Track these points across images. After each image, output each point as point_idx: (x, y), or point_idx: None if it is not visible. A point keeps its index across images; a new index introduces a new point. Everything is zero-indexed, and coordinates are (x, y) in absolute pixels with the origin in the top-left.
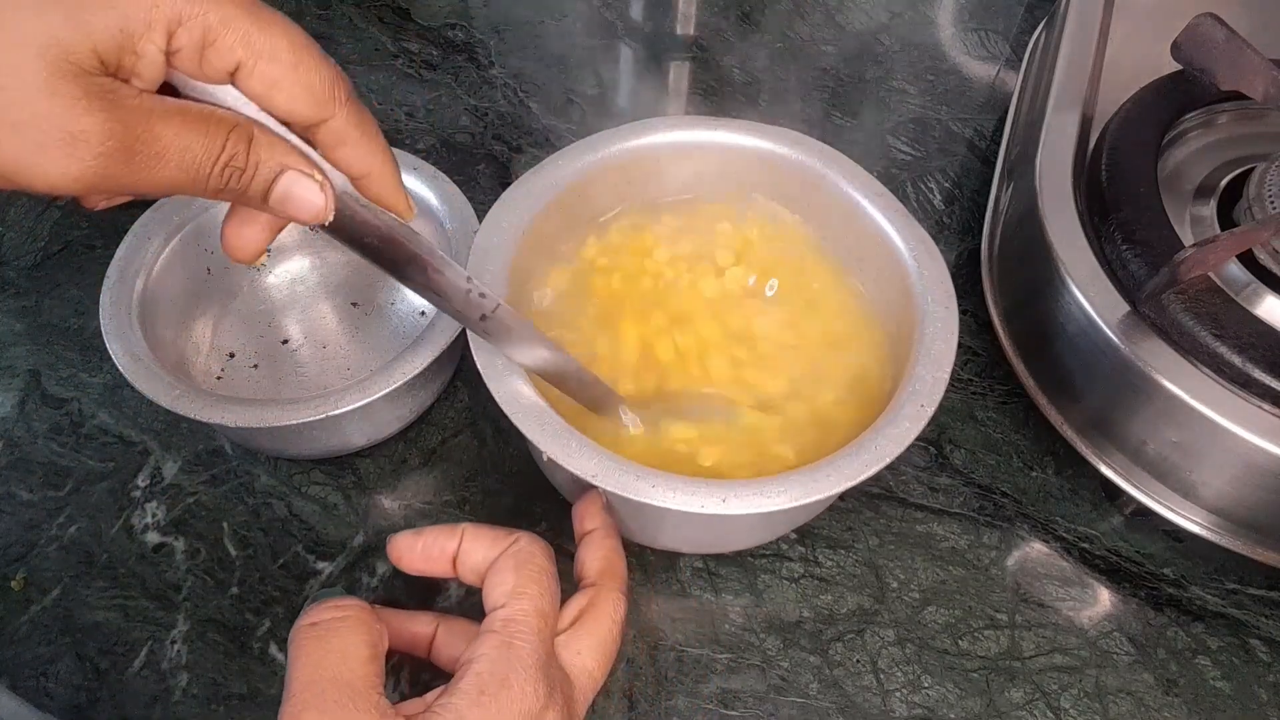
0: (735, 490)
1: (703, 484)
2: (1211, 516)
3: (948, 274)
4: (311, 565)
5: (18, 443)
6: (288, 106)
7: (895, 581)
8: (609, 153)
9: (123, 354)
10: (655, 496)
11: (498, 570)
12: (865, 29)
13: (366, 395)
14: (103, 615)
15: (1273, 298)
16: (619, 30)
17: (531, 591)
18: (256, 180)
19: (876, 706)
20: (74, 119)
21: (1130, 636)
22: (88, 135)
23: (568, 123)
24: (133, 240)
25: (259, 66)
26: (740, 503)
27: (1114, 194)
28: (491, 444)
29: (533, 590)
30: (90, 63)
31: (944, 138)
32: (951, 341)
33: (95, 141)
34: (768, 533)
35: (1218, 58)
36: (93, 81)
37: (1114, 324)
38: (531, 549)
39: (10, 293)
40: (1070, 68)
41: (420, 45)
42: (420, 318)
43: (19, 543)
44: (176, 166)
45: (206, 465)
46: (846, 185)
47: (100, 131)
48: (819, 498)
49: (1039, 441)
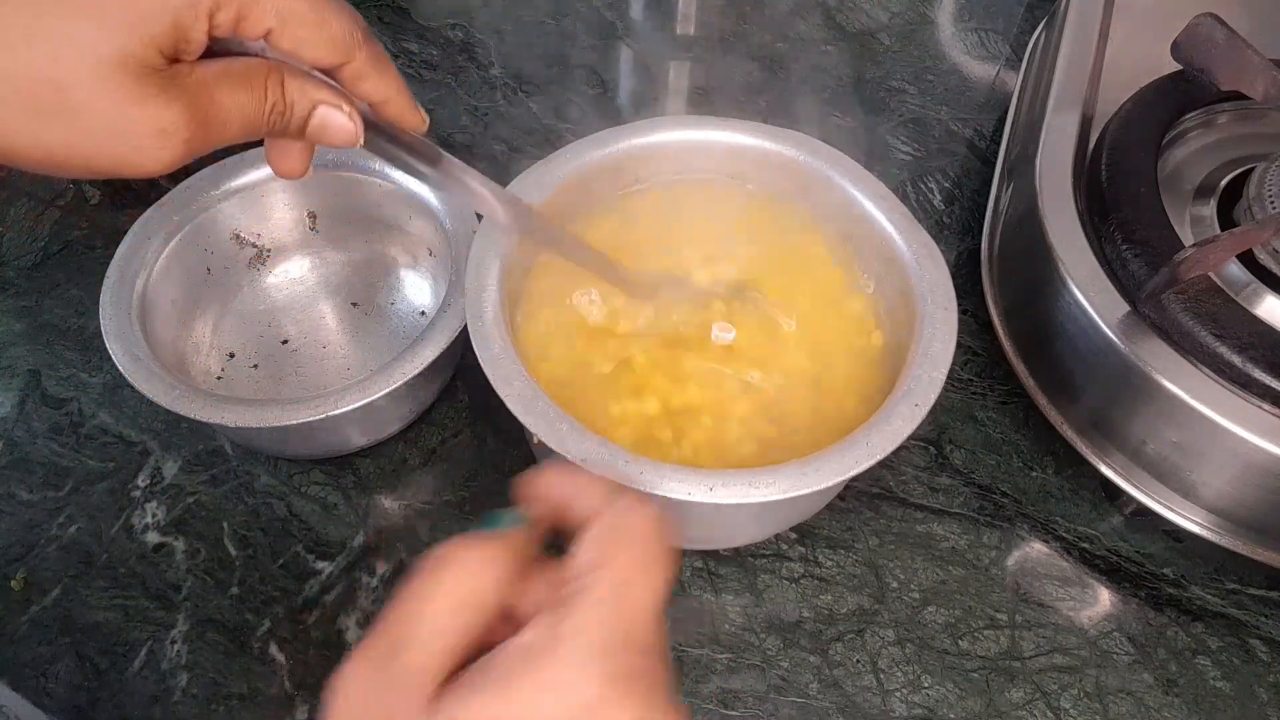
0: (724, 479)
1: (691, 472)
2: (1211, 516)
3: (948, 276)
4: (311, 565)
5: (18, 443)
6: (314, 58)
7: (895, 581)
8: (611, 151)
9: (123, 354)
10: (644, 483)
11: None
12: (865, 29)
13: (366, 395)
14: (103, 615)
15: (1273, 298)
16: (619, 30)
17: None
18: (295, 118)
19: (876, 706)
20: (159, 116)
21: (1130, 636)
22: (175, 126)
23: (568, 123)
24: (133, 240)
25: (287, 30)
26: (728, 492)
27: (1114, 194)
28: (491, 444)
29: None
30: (157, 60)
31: (944, 138)
32: (950, 343)
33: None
34: (761, 529)
35: (1218, 58)
36: (162, 75)
37: (1114, 324)
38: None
39: (10, 293)
40: (1070, 68)
41: (420, 45)
42: (420, 318)
43: (19, 543)
44: (239, 123)
45: (206, 465)
46: (849, 186)
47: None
48: (808, 490)
49: (1039, 441)
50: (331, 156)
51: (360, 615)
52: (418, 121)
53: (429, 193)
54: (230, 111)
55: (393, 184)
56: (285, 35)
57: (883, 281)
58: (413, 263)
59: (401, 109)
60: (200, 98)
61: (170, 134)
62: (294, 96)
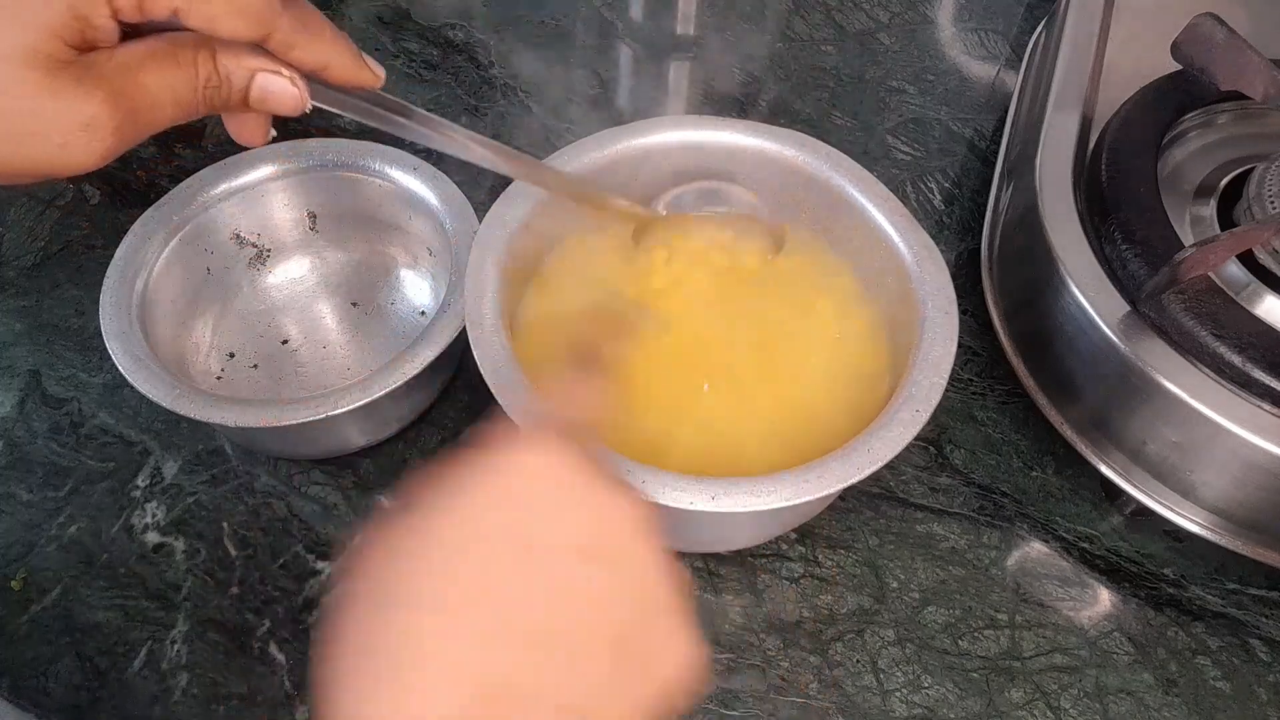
0: (725, 488)
1: (693, 481)
2: (1211, 516)
3: (949, 278)
4: (311, 565)
5: (18, 443)
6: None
7: (895, 581)
8: (612, 150)
9: (123, 354)
10: (646, 491)
11: None
12: (865, 29)
13: (366, 395)
14: (103, 615)
15: (1273, 298)
16: (619, 30)
17: None
18: (234, 90)
19: (876, 706)
20: (80, 109)
21: (1130, 636)
22: (100, 117)
23: (568, 123)
24: (133, 240)
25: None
26: (730, 500)
27: (1114, 194)
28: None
29: None
30: (63, 52)
31: (944, 138)
32: (950, 347)
33: (106, 119)
34: (762, 532)
35: (1218, 58)
36: (76, 66)
37: (1114, 324)
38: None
39: (10, 293)
40: (1070, 68)
41: (420, 45)
42: (420, 318)
43: (19, 543)
44: (172, 104)
45: (206, 465)
46: (850, 187)
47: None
48: (810, 498)
49: (1039, 441)
50: (331, 156)
51: None
52: (369, 78)
53: (429, 192)
54: (160, 93)
55: (392, 184)
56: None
57: (882, 283)
58: (413, 263)
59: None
60: (124, 83)
61: (96, 126)
62: (229, 68)
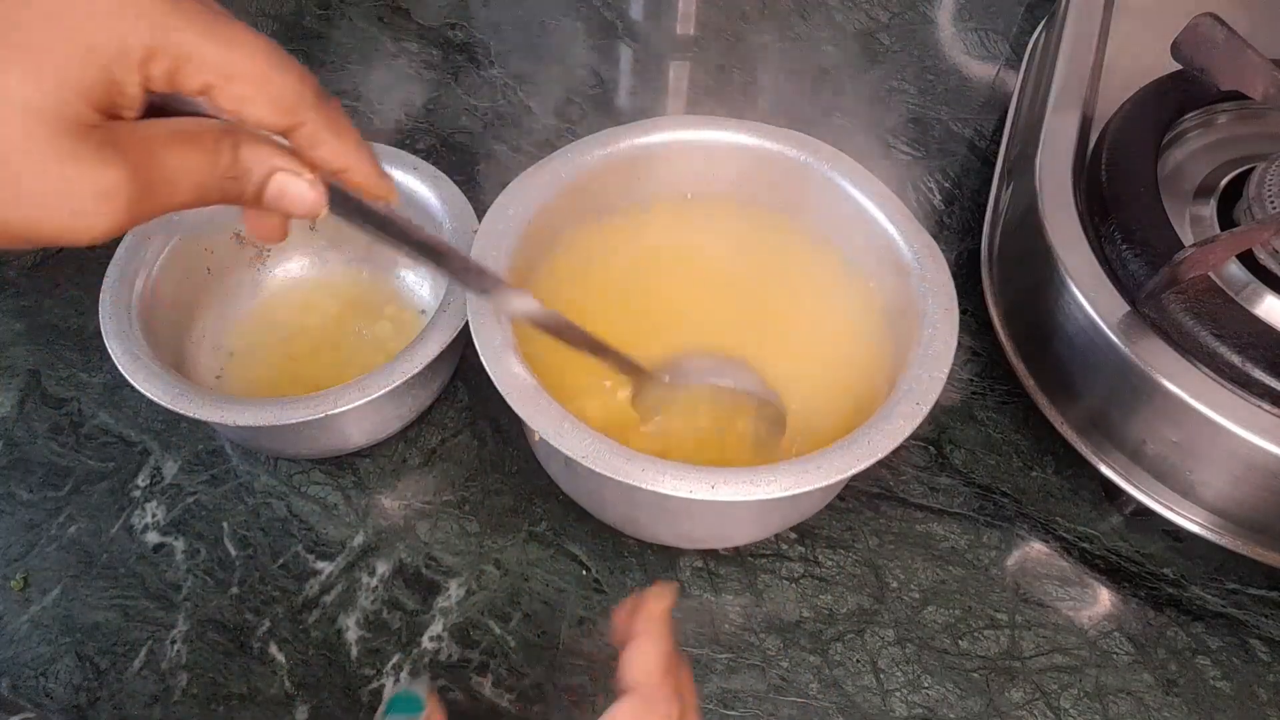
0: (725, 477)
1: (692, 470)
2: (1211, 516)
3: (949, 276)
4: (311, 565)
5: (18, 443)
6: (259, 119)
7: (895, 581)
8: (613, 150)
9: (123, 354)
10: (645, 480)
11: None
12: (865, 29)
13: (366, 395)
14: (103, 615)
15: (1273, 298)
16: (619, 30)
17: None
18: (251, 184)
19: (876, 706)
20: (99, 178)
21: (1130, 636)
22: (116, 189)
23: (568, 123)
24: (133, 240)
25: (227, 87)
26: (730, 489)
27: (1114, 194)
28: (491, 444)
29: None
30: (91, 116)
31: (944, 138)
32: (951, 343)
33: (122, 192)
34: (760, 528)
35: (1218, 58)
36: (100, 132)
37: (1114, 324)
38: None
39: (10, 293)
40: (1070, 68)
41: (420, 45)
42: (420, 317)
43: (19, 543)
44: (189, 187)
45: (206, 465)
46: (849, 186)
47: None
48: (808, 489)
49: (1039, 441)
50: None
51: (360, 615)
52: (383, 191)
53: (429, 192)
54: (179, 174)
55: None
56: (226, 93)
57: (883, 281)
58: (412, 263)
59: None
60: (145, 158)
61: (112, 197)
62: (249, 161)
